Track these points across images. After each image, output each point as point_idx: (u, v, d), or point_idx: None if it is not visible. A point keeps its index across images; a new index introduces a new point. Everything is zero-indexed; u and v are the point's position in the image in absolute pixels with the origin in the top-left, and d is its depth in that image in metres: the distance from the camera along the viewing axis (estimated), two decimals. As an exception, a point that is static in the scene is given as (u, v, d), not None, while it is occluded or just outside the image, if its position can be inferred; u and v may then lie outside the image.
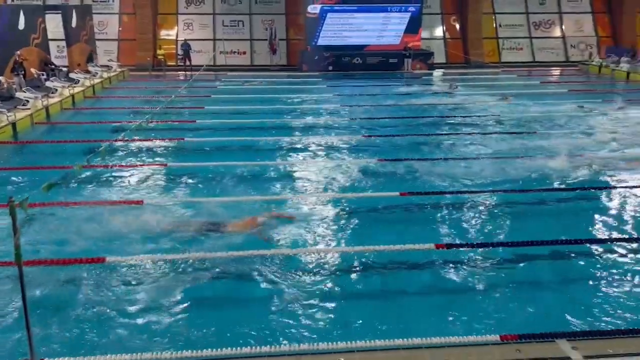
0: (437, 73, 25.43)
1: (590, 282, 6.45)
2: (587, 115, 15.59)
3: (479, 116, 15.76)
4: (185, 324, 5.57)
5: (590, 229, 8.03)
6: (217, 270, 6.66)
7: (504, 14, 28.43)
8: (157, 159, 11.55)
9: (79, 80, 19.34)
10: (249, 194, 9.22)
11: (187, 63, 25.16)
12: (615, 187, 9.70)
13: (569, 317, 5.65)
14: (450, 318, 5.66)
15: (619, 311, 5.80)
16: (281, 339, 5.27)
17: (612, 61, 24.80)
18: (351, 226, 8.05)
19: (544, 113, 15.97)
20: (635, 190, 9.42)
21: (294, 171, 10.79)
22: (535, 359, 4.80)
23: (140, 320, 5.60)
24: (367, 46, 26.30)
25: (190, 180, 10.05)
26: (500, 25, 28.32)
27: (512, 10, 28.52)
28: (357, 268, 6.81)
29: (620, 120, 15.09)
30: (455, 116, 15.84)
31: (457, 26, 28.24)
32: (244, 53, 27.19)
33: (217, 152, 12.10)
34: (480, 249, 7.13)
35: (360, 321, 5.63)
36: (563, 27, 28.53)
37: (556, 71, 26.34)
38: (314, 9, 25.49)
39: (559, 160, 11.06)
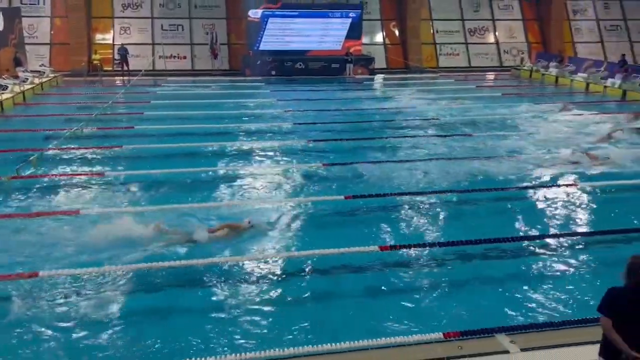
0: (379, 78, 25.91)
1: (525, 278, 6.72)
2: (520, 118, 16.31)
3: (419, 119, 16.16)
4: (123, 337, 5.37)
5: (524, 226, 8.38)
6: (158, 280, 6.47)
7: (440, 21, 29.33)
8: (93, 167, 11.12)
9: (7, 87, 18.31)
10: (191, 201, 9.03)
11: (125, 68, 24.38)
12: (546, 186, 10.16)
13: (507, 312, 5.87)
14: (396, 318, 5.75)
15: (552, 304, 6.09)
16: (226, 348, 5.18)
17: (542, 66, 26.09)
18: (297, 231, 8.04)
19: (480, 116, 16.57)
20: (564, 189, 9.93)
21: (238, 177, 10.66)
22: (476, 354, 4.94)
23: (75, 335, 5.37)
24: (310, 51, 26.44)
25: (129, 189, 9.74)
26: (437, 32, 29.19)
27: (448, 17, 29.47)
28: (303, 272, 6.80)
29: (550, 122, 15.89)
30: (397, 120, 16.16)
31: (397, 32, 28.88)
32: (185, 57, 26.67)
33: (157, 159, 11.77)
34: (422, 249, 7.29)
35: (306, 325, 5.62)
36: (496, 33, 29.75)
37: (491, 76, 27.42)
38: (255, 13, 25.37)
39: (495, 161, 11.53)
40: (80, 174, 10.53)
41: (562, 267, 7.02)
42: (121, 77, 24.29)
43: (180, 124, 15.23)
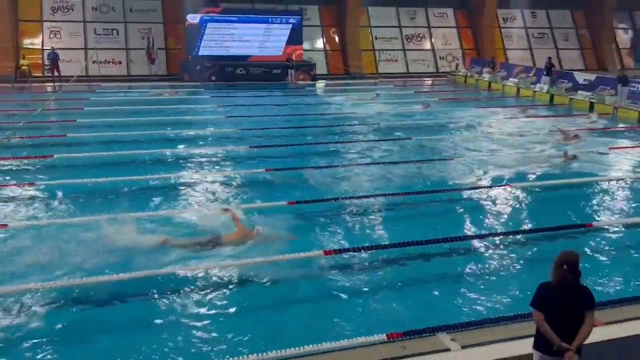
0: (320, 84, 26.11)
1: (464, 276, 6.93)
2: (456, 122, 16.89)
3: (360, 125, 16.39)
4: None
5: (462, 226, 8.65)
6: (87, 297, 6.21)
7: (379, 27, 29.95)
8: (22, 177, 10.52)
9: None
10: (129, 210, 8.70)
11: (56, 73, 23.29)
12: (481, 187, 10.54)
13: (448, 311, 6.02)
14: (340, 322, 5.77)
15: (490, 301, 6.31)
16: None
17: (475, 72, 27.17)
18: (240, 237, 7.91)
19: (418, 120, 17.02)
20: (502, 190, 10.33)
21: (178, 185, 10.41)
22: (418, 353, 5.04)
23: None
24: (250, 57, 26.28)
25: (60, 200, 9.28)
26: (376, 38, 29.78)
27: (386, 24, 30.14)
28: (245, 280, 6.71)
29: (486, 125, 16.55)
30: (340, 125, 16.32)
31: (337, 39, 29.23)
32: (120, 63, 25.81)
33: (91, 168, 11.31)
34: (365, 252, 7.37)
35: (249, 333, 5.55)
36: (432, 40, 30.71)
37: (428, 81, 28.25)
38: (193, 18, 24.95)
39: (432, 164, 11.88)
40: (8, 185, 9.94)
41: (498, 265, 7.29)
42: (52, 83, 23.20)
43: (117, 131, 14.70)
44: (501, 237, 8.13)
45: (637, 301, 6.07)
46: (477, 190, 10.32)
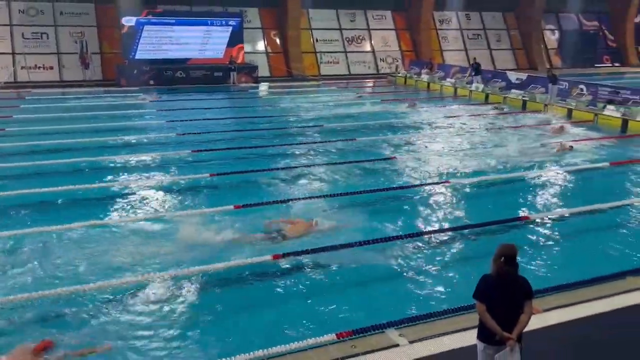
0: (263, 86, 25.98)
1: (408, 273, 7.07)
2: (398, 121, 17.24)
3: (305, 126, 16.42)
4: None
5: (407, 223, 8.80)
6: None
7: (320, 30, 30.16)
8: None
9: None
10: (66, 221, 8.30)
11: (-20, 80, 22.02)
12: (425, 184, 10.79)
13: (396, 307, 6.11)
14: (290, 325, 5.75)
15: (436, 295, 6.47)
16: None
17: (414, 73, 27.85)
18: (186, 245, 7.73)
19: (361, 121, 17.24)
20: (437, 187, 10.62)
21: (119, 193, 10.05)
22: (369, 351, 5.09)
23: None
24: (190, 60, 25.81)
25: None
26: (317, 40, 29.97)
27: (326, 27, 30.39)
28: (194, 288, 6.57)
29: (428, 124, 16.99)
30: (284, 127, 16.28)
31: (278, 41, 29.20)
32: (51, 68, 24.69)
33: (23, 178, 10.74)
34: (313, 255, 7.36)
35: (198, 341, 5.44)
36: (372, 42, 31.25)
37: (369, 82, 28.69)
38: (128, 21, 24.21)
39: (377, 163, 12.07)
40: None
41: (440, 259, 7.48)
42: (-24, 90, 21.88)
43: (50, 139, 14.03)
44: (442, 232, 8.32)
45: (571, 287, 6.40)
46: (419, 188, 10.53)
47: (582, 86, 20.32)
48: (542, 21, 34.25)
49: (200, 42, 26.03)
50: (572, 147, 13.48)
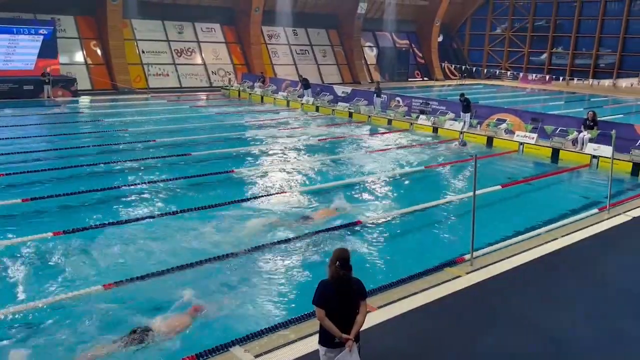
0: (84, 100, 23.92)
1: (249, 287, 7.00)
2: (234, 134, 17.18)
3: (134, 142, 15.46)
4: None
5: (240, 239, 8.74)
6: None
7: (145, 41, 28.80)
8: None
9: None
10: None
11: None
12: (264, 196, 10.85)
13: (240, 324, 5.98)
14: (119, 357, 5.30)
15: (277, 307, 6.49)
16: None
17: (248, 86, 28.06)
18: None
19: (196, 137, 16.80)
20: (281, 196, 10.77)
21: None
22: (214, 372, 4.90)
23: None
24: (-6, 72, 22.79)
25: None
26: (143, 52, 28.57)
27: (153, 38, 29.14)
28: (17, 325, 5.70)
29: (264, 137, 17.18)
30: (108, 144, 15.11)
31: (99, 51, 27.21)
32: None
33: None
34: (146, 280, 6.90)
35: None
36: (203, 55, 30.77)
37: (203, 96, 28.15)
38: None
39: (215, 177, 11.83)
40: None
41: (280, 269, 7.55)
42: None
43: None
44: (281, 243, 8.39)
45: (401, 283, 6.92)
46: (250, 202, 10.44)
47: (398, 98, 22.43)
48: (361, 39, 37.06)
49: (5, 52, 23.16)
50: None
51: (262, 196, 10.78)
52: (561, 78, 37.28)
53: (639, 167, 13.77)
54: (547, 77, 38.00)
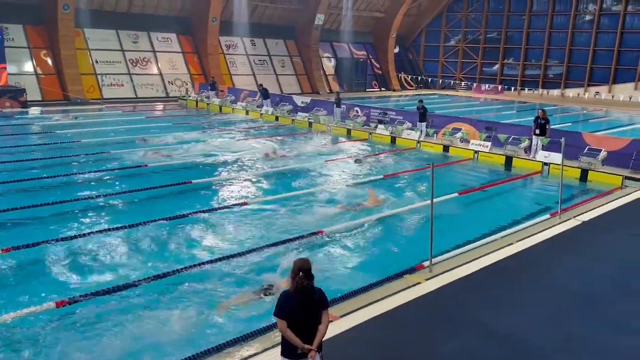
0: (34, 111, 23.09)
1: (211, 299, 6.89)
2: (188, 145, 16.93)
3: (84, 154, 15.01)
4: None
5: (197, 247, 8.61)
6: None
7: (99, 50, 28.13)
8: None
9: None
10: None
11: None
12: (219, 208, 10.72)
13: (188, 343, 5.81)
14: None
15: (234, 322, 6.40)
16: None
17: (205, 96, 27.76)
18: None
19: (154, 147, 16.47)
20: (242, 208, 10.66)
21: None
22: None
23: None
24: None
25: None
26: (97, 62, 27.87)
27: (106, 47, 28.49)
28: None
29: (218, 146, 16.99)
30: (56, 156, 14.59)
31: (50, 61, 26.38)
32: None
33: None
34: (111, 295, 6.68)
35: None
36: (159, 64, 30.27)
37: (159, 106, 27.64)
38: None
39: (170, 188, 11.61)
40: None
41: (241, 281, 7.46)
42: None
43: None
44: (242, 255, 8.31)
45: (362, 291, 6.94)
46: (205, 213, 10.28)
47: (357, 108, 22.67)
48: (319, 49, 37.33)
49: (-53, 60, 22.14)
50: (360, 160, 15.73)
51: (220, 208, 10.66)
52: (513, 88, 38.60)
53: (587, 173, 14.37)
54: (500, 87, 39.28)
